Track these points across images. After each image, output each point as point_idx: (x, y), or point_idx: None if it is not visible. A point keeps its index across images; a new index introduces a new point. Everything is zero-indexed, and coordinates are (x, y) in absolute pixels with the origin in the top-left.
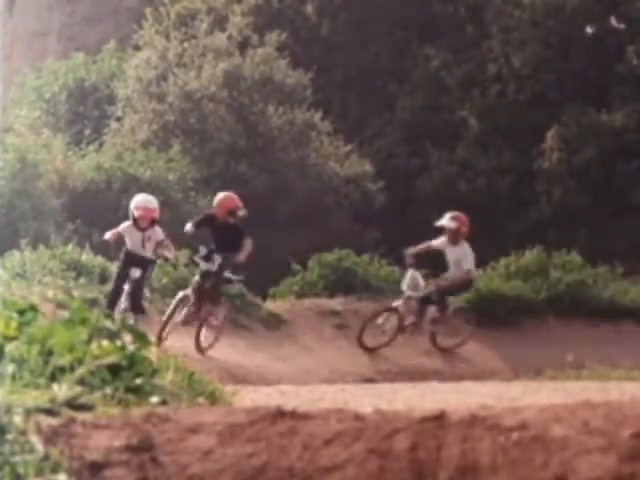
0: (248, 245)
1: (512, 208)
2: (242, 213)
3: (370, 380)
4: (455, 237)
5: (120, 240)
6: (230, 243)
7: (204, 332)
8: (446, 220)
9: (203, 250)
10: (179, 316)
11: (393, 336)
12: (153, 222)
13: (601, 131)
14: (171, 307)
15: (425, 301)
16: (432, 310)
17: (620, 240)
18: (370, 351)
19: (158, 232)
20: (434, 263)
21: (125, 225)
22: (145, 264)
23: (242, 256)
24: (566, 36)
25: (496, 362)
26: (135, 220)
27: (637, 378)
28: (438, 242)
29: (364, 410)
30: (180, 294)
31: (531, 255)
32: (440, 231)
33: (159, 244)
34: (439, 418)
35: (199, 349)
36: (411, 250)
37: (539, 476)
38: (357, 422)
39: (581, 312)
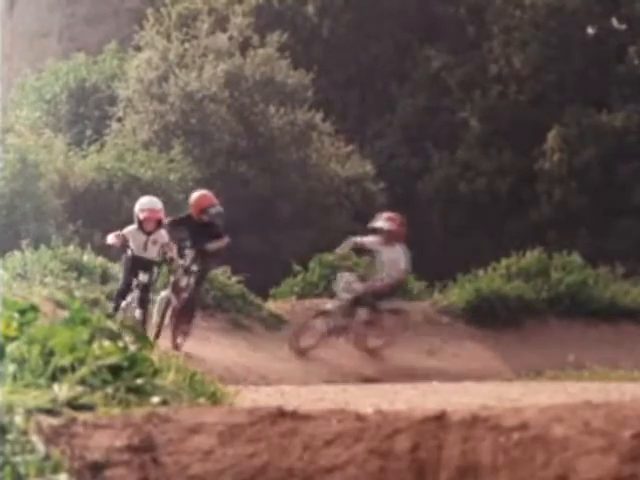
0: (222, 242)
1: (513, 209)
2: (214, 211)
3: (371, 380)
4: (390, 238)
5: (125, 243)
6: (205, 241)
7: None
8: (382, 221)
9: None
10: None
11: (320, 339)
12: (159, 224)
13: (602, 132)
14: (158, 311)
15: (356, 303)
16: (363, 312)
17: (621, 241)
18: (301, 353)
19: (163, 235)
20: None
21: (130, 229)
22: (151, 267)
23: (210, 246)
24: (567, 37)
25: (497, 362)
26: (140, 223)
27: (638, 379)
28: (371, 242)
29: (365, 410)
30: (162, 295)
31: (532, 256)
32: (375, 231)
33: (164, 247)
34: (440, 418)
35: (175, 346)
36: (341, 252)
37: (540, 476)
38: (358, 422)
39: (582, 313)
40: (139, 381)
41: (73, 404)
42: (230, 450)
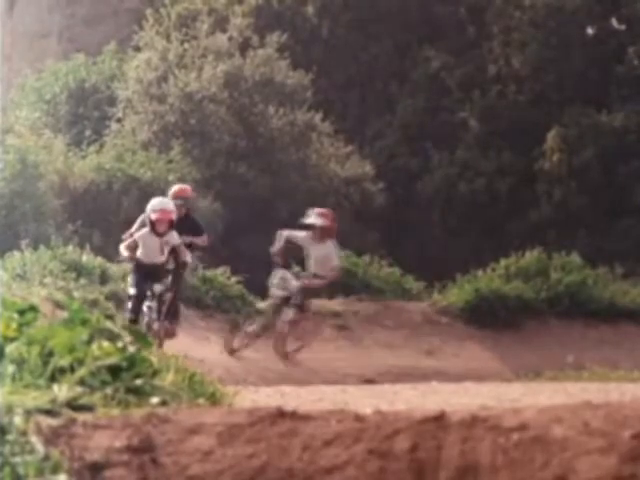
0: (200, 240)
1: (512, 209)
2: (178, 202)
3: (370, 381)
4: (322, 235)
5: (136, 249)
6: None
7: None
8: (314, 218)
9: None
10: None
11: (251, 337)
12: (170, 226)
13: (601, 132)
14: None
15: (285, 301)
16: (290, 312)
17: (620, 241)
18: (232, 353)
19: (175, 237)
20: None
21: (142, 233)
22: (164, 274)
23: (187, 239)
24: (566, 37)
25: (496, 363)
26: (153, 225)
27: (637, 379)
28: (302, 237)
29: (364, 411)
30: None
31: (531, 256)
32: (307, 227)
33: (175, 249)
34: (439, 419)
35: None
36: (274, 249)
37: (539, 477)
38: (357, 423)
39: (581, 313)
40: (138, 382)
41: (72, 405)
42: (229, 451)
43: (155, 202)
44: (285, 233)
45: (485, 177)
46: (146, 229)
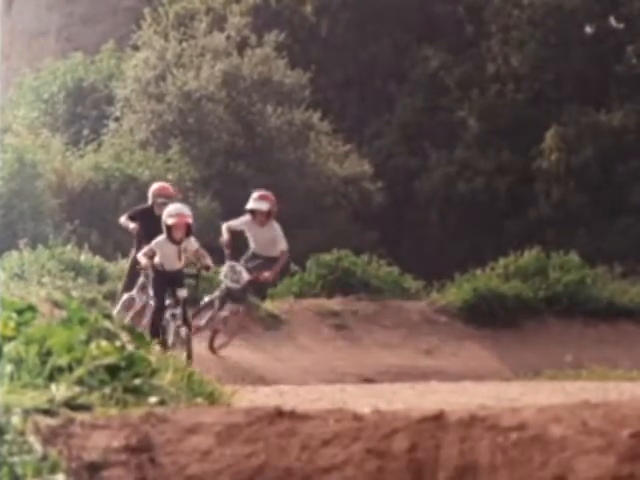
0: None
1: (511, 208)
2: (160, 200)
3: (369, 380)
4: (265, 218)
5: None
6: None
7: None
8: (256, 202)
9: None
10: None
11: (199, 330)
12: (188, 232)
13: (600, 131)
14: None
15: (229, 294)
16: (232, 306)
17: (619, 240)
18: (214, 352)
19: (192, 242)
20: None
21: (157, 241)
22: (183, 279)
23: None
24: (565, 36)
25: (495, 362)
26: (170, 231)
27: (636, 378)
28: (242, 223)
29: (363, 410)
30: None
31: (530, 255)
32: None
33: (194, 254)
34: (438, 418)
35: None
36: (222, 242)
37: (538, 476)
38: (356, 422)
39: (580, 312)
40: (137, 381)
41: (70, 404)
42: (228, 450)
43: (171, 208)
44: (226, 224)
45: (484, 176)
46: (162, 237)
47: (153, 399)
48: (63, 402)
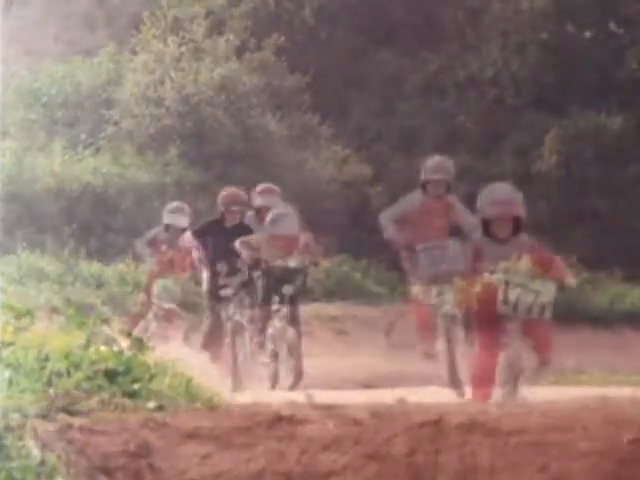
0: None
1: None
2: (236, 208)
3: (369, 386)
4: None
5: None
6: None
7: None
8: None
9: None
10: None
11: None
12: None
13: (600, 135)
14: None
15: None
16: None
17: (619, 244)
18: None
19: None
20: None
21: (259, 235)
22: (295, 275)
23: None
24: (565, 40)
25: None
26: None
27: (636, 383)
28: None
29: (362, 415)
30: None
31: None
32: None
33: (305, 247)
34: (437, 423)
35: None
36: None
37: None
38: (355, 427)
39: (580, 317)
40: (135, 386)
41: (69, 409)
42: (227, 455)
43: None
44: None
45: (484, 180)
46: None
47: (152, 404)
48: (61, 407)
